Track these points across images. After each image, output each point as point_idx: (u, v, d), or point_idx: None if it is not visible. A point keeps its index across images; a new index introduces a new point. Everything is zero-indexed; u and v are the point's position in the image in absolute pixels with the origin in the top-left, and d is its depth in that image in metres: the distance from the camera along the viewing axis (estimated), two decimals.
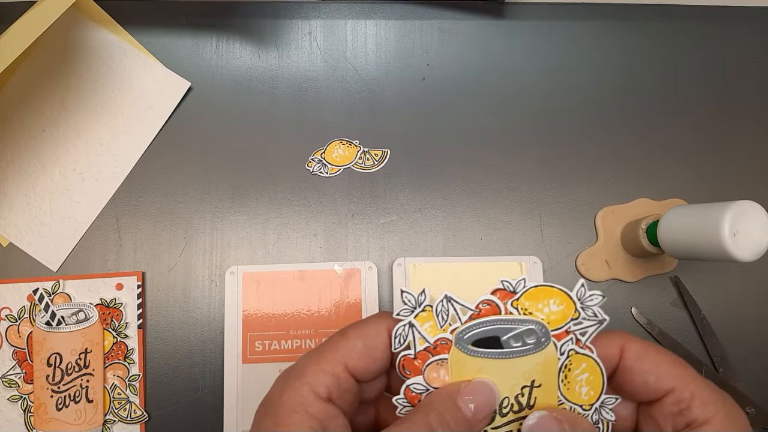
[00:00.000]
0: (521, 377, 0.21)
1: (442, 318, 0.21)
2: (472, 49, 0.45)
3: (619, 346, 0.21)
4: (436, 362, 0.21)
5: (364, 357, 0.21)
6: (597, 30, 0.45)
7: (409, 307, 0.21)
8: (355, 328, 0.21)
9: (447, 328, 0.21)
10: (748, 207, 0.33)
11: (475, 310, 0.21)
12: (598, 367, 0.21)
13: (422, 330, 0.21)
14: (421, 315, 0.21)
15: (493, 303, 0.21)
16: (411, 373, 0.21)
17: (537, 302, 0.21)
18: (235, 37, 0.44)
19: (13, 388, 0.39)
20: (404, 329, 0.21)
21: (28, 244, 0.42)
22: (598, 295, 0.21)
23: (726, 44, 0.46)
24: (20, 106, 0.43)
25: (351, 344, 0.21)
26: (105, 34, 0.44)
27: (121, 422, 0.39)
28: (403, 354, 0.21)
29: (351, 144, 0.43)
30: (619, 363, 0.21)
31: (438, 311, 0.21)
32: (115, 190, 0.42)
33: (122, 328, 0.40)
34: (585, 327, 0.21)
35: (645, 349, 0.21)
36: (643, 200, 0.43)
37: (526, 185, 0.43)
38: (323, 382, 0.20)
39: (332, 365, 0.20)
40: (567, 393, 0.22)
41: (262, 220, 0.42)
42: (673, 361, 0.21)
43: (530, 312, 0.21)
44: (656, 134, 0.44)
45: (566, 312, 0.21)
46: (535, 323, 0.21)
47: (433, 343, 0.21)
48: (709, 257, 0.34)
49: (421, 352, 0.21)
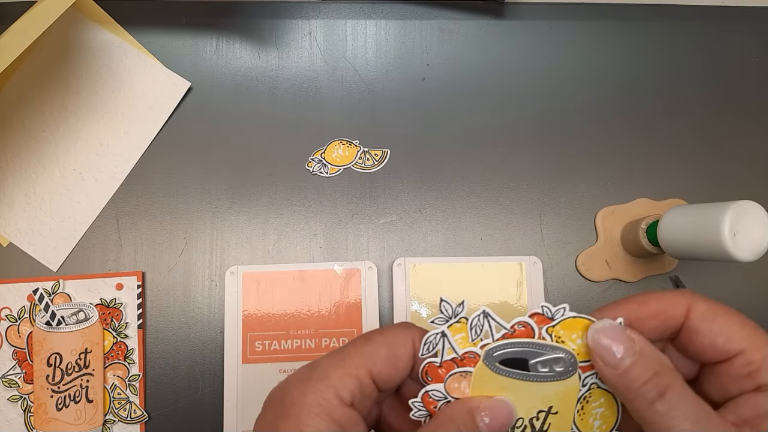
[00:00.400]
0: (540, 401, 0.21)
1: (475, 332, 0.21)
2: (472, 49, 0.45)
3: (686, 306, 0.21)
4: (460, 374, 0.21)
5: (388, 365, 0.20)
6: (597, 30, 0.45)
7: (445, 316, 0.21)
8: (380, 334, 0.21)
9: (477, 342, 0.21)
10: (748, 207, 0.33)
11: (510, 330, 0.21)
12: (615, 403, 0.21)
13: (453, 340, 0.21)
14: (454, 326, 0.21)
15: (529, 326, 0.21)
16: (433, 380, 0.21)
17: (572, 332, 0.21)
18: (235, 37, 0.44)
19: (13, 388, 0.39)
20: (436, 338, 0.21)
21: (28, 244, 0.42)
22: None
23: (726, 44, 0.46)
24: (20, 106, 0.43)
25: (376, 351, 0.20)
26: (105, 34, 0.44)
27: (121, 422, 0.39)
28: (429, 361, 0.21)
29: (351, 144, 0.43)
30: (684, 323, 0.21)
31: (473, 325, 0.21)
32: (115, 190, 0.42)
33: (122, 328, 0.40)
34: None
35: (713, 309, 0.20)
36: (643, 200, 0.43)
37: (526, 185, 0.43)
38: (348, 387, 0.20)
39: (357, 370, 0.20)
40: (580, 423, 0.22)
41: (262, 220, 0.42)
42: (743, 322, 0.20)
43: (563, 340, 0.21)
44: (656, 134, 0.44)
45: None
46: (565, 352, 0.21)
47: (461, 355, 0.21)
48: (709, 257, 0.34)
49: (446, 362, 0.21)
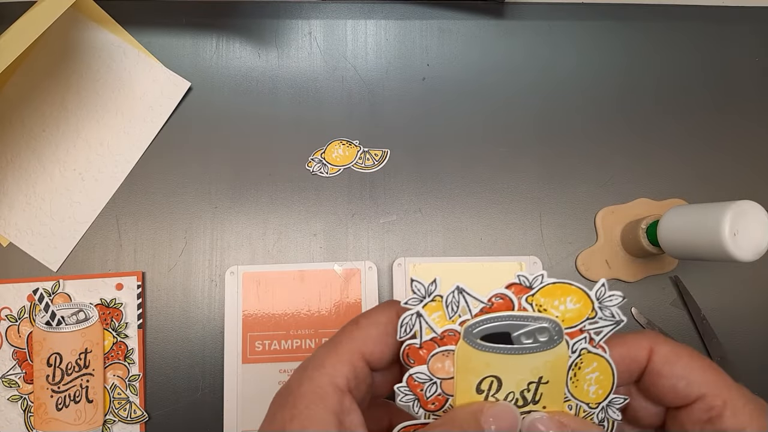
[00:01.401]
0: (529, 373, 0.21)
1: (451, 309, 0.20)
2: (472, 49, 0.45)
3: (648, 348, 0.20)
4: (442, 353, 0.20)
5: (379, 343, 0.21)
6: (597, 30, 0.45)
7: (418, 296, 0.20)
8: (365, 316, 0.21)
9: (456, 319, 0.20)
10: (748, 207, 0.33)
11: (487, 304, 0.20)
12: (609, 367, 0.21)
13: (430, 320, 0.20)
14: (429, 305, 0.20)
15: (507, 297, 0.20)
16: (415, 362, 0.21)
17: (553, 299, 0.20)
18: (235, 37, 0.44)
19: (13, 388, 0.39)
20: (411, 318, 0.20)
21: (28, 244, 0.42)
22: (618, 296, 0.20)
23: (726, 44, 0.46)
24: (20, 106, 0.43)
25: (365, 332, 0.21)
26: (105, 34, 0.44)
27: (121, 422, 0.39)
28: (408, 343, 0.20)
29: (351, 144, 0.43)
30: (647, 366, 0.21)
31: (448, 302, 0.20)
32: (115, 190, 0.42)
33: (122, 328, 0.40)
34: (600, 327, 0.21)
35: (676, 352, 0.20)
36: (643, 200, 0.43)
37: (526, 185, 0.43)
38: (342, 372, 0.20)
39: (349, 354, 0.20)
40: (574, 390, 0.21)
41: (262, 220, 0.42)
42: (705, 367, 0.20)
43: (545, 309, 0.20)
44: (656, 134, 0.44)
45: (582, 311, 0.20)
46: (549, 321, 0.20)
47: (440, 333, 0.20)
48: (709, 257, 0.34)
49: (427, 342, 0.20)
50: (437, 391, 0.21)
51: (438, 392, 0.21)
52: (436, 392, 0.21)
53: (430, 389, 0.21)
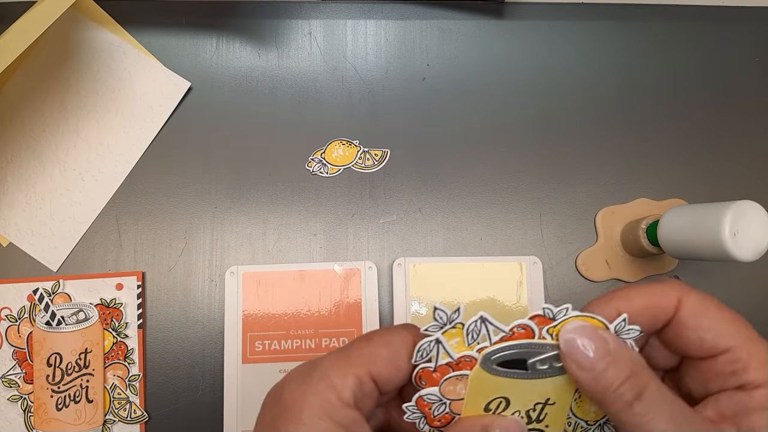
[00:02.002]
0: (537, 396, 0.21)
1: (471, 337, 0.20)
2: (472, 49, 0.45)
3: (676, 298, 0.20)
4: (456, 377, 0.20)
5: (389, 365, 0.20)
6: (597, 30, 0.45)
7: (440, 323, 0.20)
8: (380, 335, 0.21)
9: (474, 346, 0.20)
10: (748, 207, 0.33)
11: (509, 333, 0.20)
12: None
13: (448, 346, 0.20)
14: (449, 331, 0.20)
15: (529, 328, 0.20)
16: (427, 384, 0.20)
17: None
18: (235, 37, 0.44)
19: (13, 388, 0.39)
20: (430, 344, 0.20)
21: (28, 244, 0.42)
22: (636, 330, 0.20)
23: (726, 44, 0.46)
24: (20, 106, 0.43)
25: (377, 351, 0.20)
26: (105, 34, 0.44)
27: (121, 422, 0.39)
28: (423, 366, 0.20)
29: (351, 144, 0.43)
30: (673, 316, 0.20)
31: (469, 330, 0.20)
32: (115, 190, 0.42)
33: (122, 328, 0.40)
34: None
35: (704, 303, 0.20)
36: (643, 200, 0.43)
37: (526, 185, 0.43)
38: (349, 387, 0.19)
39: (358, 369, 0.19)
40: (577, 410, 0.21)
41: (262, 220, 0.42)
42: (733, 319, 0.20)
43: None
44: (656, 134, 0.44)
45: None
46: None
47: (457, 359, 0.20)
48: (709, 257, 0.34)
49: (441, 366, 0.20)
50: (445, 410, 0.21)
51: (446, 411, 0.21)
52: (444, 411, 0.21)
53: (438, 408, 0.21)
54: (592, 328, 0.19)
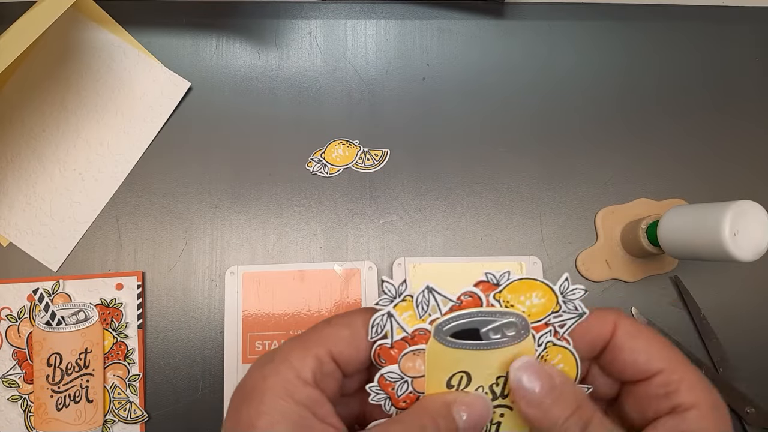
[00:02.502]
0: (497, 368, 0.21)
1: (421, 308, 0.20)
2: (472, 49, 0.45)
3: (612, 323, 0.21)
4: (413, 352, 0.21)
5: (349, 345, 0.20)
6: (597, 30, 0.45)
7: (389, 296, 0.20)
8: (340, 317, 0.21)
9: (426, 318, 0.20)
10: (748, 207, 0.33)
11: (457, 302, 0.20)
12: (573, 357, 0.21)
13: (400, 320, 0.20)
14: (400, 305, 0.20)
15: (475, 295, 0.20)
16: (386, 362, 0.21)
17: (519, 295, 0.21)
18: (235, 37, 0.44)
19: (13, 388, 0.39)
20: (382, 319, 0.20)
21: (28, 244, 0.42)
22: (580, 290, 0.21)
23: (726, 44, 0.46)
24: (20, 106, 0.43)
25: (336, 331, 0.21)
26: (105, 34, 0.44)
27: (121, 422, 0.39)
28: (380, 343, 0.21)
29: (351, 144, 0.43)
30: (610, 340, 0.21)
31: (418, 302, 0.20)
32: (115, 190, 0.42)
33: (122, 328, 0.40)
34: (564, 319, 0.21)
35: (637, 328, 0.21)
36: (643, 200, 0.43)
37: (526, 185, 0.43)
38: (309, 366, 0.20)
39: (317, 349, 0.20)
40: None
41: (262, 220, 0.42)
42: (663, 344, 0.21)
43: (512, 304, 0.21)
44: (656, 134, 0.44)
45: (547, 305, 0.21)
46: (515, 316, 0.21)
47: (411, 333, 0.20)
48: (709, 257, 0.34)
49: (397, 342, 0.21)
50: (408, 389, 0.21)
51: (409, 390, 0.21)
52: (407, 390, 0.21)
53: (401, 387, 0.21)
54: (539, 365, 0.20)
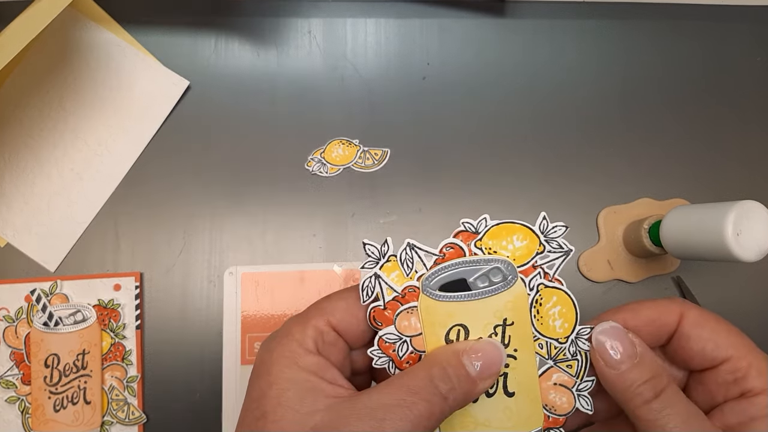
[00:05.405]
0: (493, 317, 0.21)
1: (407, 266, 0.21)
2: (473, 47, 0.45)
3: (678, 313, 0.21)
4: (406, 311, 0.21)
5: (347, 315, 0.21)
6: (597, 29, 0.45)
7: (374, 259, 0.21)
8: (338, 292, 0.22)
9: (413, 276, 0.21)
10: (751, 207, 0.32)
11: (440, 255, 0.21)
12: (569, 298, 0.21)
13: (389, 280, 0.21)
14: (386, 266, 0.21)
15: (457, 246, 0.21)
16: (383, 324, 0.21)
17: (500, 240, 0.21)
18: (234, 36, 0.44)
19: (10, 390, 0.39)
20: (371, 281, 0.21)
21: (25, 244, 0.41)
22: (561, 226, 0.21)
23: (727, 44, 0.45)
24: (18, 106, 0.43)
25: (334, 303, 0.21)
26: (104, 33, 0.43)
27: (119, 423, 0.39)
28: (373, 306, 0.21)
29: (351, 143, 0.43)
30: (676, 329, 0.21)
31: (402, 260, 0.21)
32: (113, 189, 0.42)
33: (120, 329, 0.40)
34: (552, 260, 0.21)
35: (704, 316, 0.21)
36: (645, 200, 0.43)
37: (526, 185, 0.43)
38: (310, 336, 0.20)
39: (316, 320, 0.21)
40: (541, 328, 0.21)
41: (262, 220, 0.42)
42: (731, 330, 0.21)
43: (495, 251, 0.21)
44: (657, 134, 0.44)
45: (531, 246, 0.21)
46: (500, 261, 0.21)
47: (401, 291, 0.21)
48: (712, 257, 0.34)
49: (390, 302, 0.21)
50: (409, 349, 0.21)
51: (410, 350, 0.21)
52: (408, 350, 0.21)
53: (401, 348, 0.21)
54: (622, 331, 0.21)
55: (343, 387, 0.20)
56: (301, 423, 0.19)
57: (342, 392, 0.20)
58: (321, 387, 0.19)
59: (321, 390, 0.19)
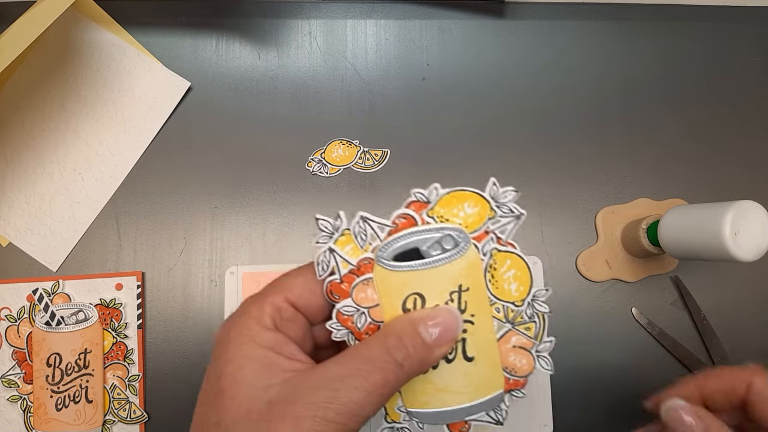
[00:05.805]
0: (448, 284, 0.21)
1: (361, 238, 0.21)
2: (472, 48, 0.45)
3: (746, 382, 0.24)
4: (362, 282, 0.21)
5: (305, 291, 0.21)
6: (597, 30, 0.45)
7: (327, 233, 0.21)
8: (296, 269, 0.22)
9: (368, 247, 0.21)
10: (748, 207, 0.32)
11: (392, 226, 0.21)
12: (523, 262, 0.21)
13: (343, 253, 0.21)
14: (340, 239, 0.21)
15: (409, 216, 0.21)
16: (340, 297, 0.21)
17: (452, 208, 0.21)
18: (235, 37, 0.44)
19: (12, 389, 0.39)
20: (325, 255, 0.21)
21: (27, 244, 0.41)
22: (511, 191, 0.21)
23: (726, 44, 0.46)
24: (20, 106, 0.43)
25: (291, 280, 0.21)
26: (105, 34, 0.44)
27: (120, 422, 0.39)
28: (329, 280, 0.21)
29: (351, 144, 0.43)
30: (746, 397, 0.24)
31: (356, 233, 0.21)
32: (115, 190, 0.42)
33: (122, 329, 0.40)
34: (503, 224, 0.21)
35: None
36: (644, 200, 0.43)
37: (526, 185, 0.43)
38: (267, 313, 0.21)
39: (273, 297, 0.21)
40: (496, 292, 0.22)
41: (262, 220, 0.42)
42: None
43: (446, 219, 0.21)
44: (656, 134, 0.44)
45: (482, 213, 0.21)
46: (452, 229, 0.21)
47: (356, 264, 0.21)
48: (709, 257, 0.34)
49: (346, 275, 0.21)
50: (367, 320, 0.21)
51: (368, 321, 0.21)
52: (367, 321, 0.21)
53: (360, 320, 0.21)
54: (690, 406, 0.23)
55: (300, 361, 0.20)
56: (257, 398, 0.19)
57: (299, 366, 0.20)
58: (278, 362, 0.20)
59: (278, 365, 0.19)
